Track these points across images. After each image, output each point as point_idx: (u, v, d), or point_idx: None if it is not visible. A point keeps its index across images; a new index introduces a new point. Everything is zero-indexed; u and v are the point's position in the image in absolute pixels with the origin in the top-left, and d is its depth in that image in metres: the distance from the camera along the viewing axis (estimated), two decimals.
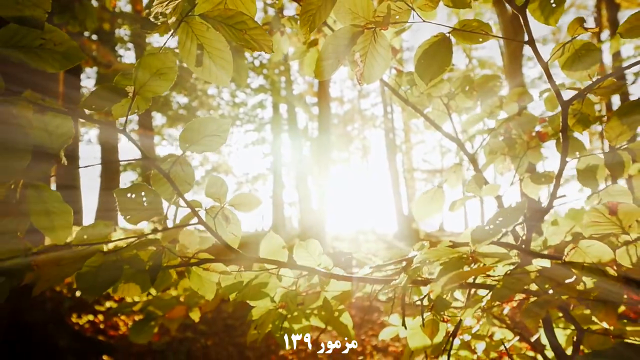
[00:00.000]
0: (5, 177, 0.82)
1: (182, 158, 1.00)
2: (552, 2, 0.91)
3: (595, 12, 15.92)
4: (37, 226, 0.95)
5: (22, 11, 0.69)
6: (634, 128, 1.12)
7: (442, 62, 1.07)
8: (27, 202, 0.93)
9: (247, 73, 14.60)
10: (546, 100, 1.76)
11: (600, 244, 0.79)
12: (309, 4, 0.95)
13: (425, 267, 0.99)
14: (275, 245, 1.20)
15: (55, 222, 0.96)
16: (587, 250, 0.80)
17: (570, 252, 0.81)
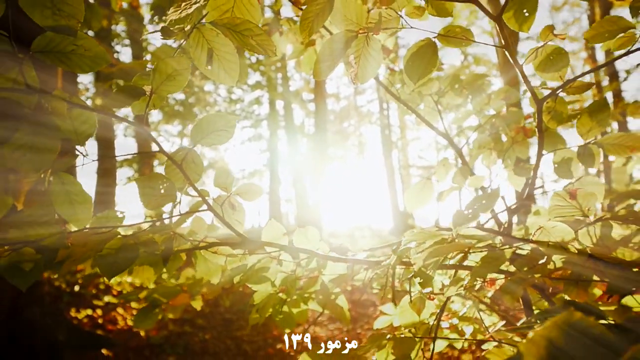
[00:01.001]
0: (39, 166, 0.92)
1: (193, 151, 1.11)
2: (524, 11, 1.02)
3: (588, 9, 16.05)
4: (59, 212, 1.06)
5: (58, 21, 0.80)
6: (602, 125, 1.24)
7: (429, 64, 1.18)
8: (52, 191, 1.03)
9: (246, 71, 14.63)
10: (530, 99, 1.87)
11: (562, 224, 0.90)
12: (308, 12, 1.06)
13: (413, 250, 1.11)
14: (276, 232, 1.31)
15: (77, 209, 1.07)
16: (552, 230, 0.91)
17: (537, 232, 0.92)
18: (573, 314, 0.47)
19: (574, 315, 0.47)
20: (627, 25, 1.11)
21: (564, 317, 0.47)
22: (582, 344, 0.44)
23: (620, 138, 1.26)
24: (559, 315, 0.48)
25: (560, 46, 1.11)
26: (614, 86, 12.89)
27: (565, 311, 0.48)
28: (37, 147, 0.91)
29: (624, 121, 11.41)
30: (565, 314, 0.47)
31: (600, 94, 14.37)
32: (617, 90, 12.87)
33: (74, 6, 0.79)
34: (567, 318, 0.47)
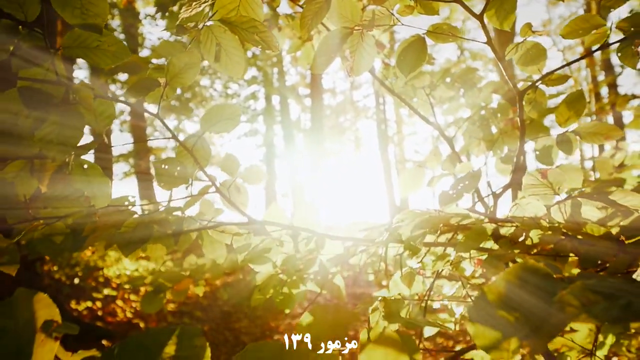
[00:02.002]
0: (65, 151, 1.02)
1: (202, 138, 1.21)
2: (505, 9, 1.13)
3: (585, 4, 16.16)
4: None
5: (86, 20, 0.89)
6: (578, 114, 1.35)
7: (419, 58, 1.28)
8: (74, 173, 1.13)
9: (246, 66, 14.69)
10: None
11: (536, 201, 1.01)
12: (307, 10, 1.16)
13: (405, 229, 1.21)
14: (277, 212, 1.42)
15: (96, 190, 1.17)
16: (526, 207, 1.02)
17: (513, 208, 1.03)
18: (527, 263, 0.58)
19: (527, 264, 0.58)
20: (599, 23, 1.21)
21: (519, 265, 0.58)
22: (531, 282, 0.55)
23: (595, 127, 1.36)
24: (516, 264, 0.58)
25: (539, 42, 1.21)
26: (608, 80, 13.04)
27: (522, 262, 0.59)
28: (63, 133, 1.01)
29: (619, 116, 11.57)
30: (520, 263, 0.58)
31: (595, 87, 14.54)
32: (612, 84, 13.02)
33: (99, 6, 0.89)
34: (523, 265, 0.58)
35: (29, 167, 1.13)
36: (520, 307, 0.54)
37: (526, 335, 0.51)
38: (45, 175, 1.14)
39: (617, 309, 0.48)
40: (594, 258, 1.06)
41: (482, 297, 0.57)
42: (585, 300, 0.51)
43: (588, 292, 0.51)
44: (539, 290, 0.55)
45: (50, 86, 0.97)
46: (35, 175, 1.13)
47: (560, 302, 0.51)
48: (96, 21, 0.90)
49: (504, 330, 0.52)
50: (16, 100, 0.92)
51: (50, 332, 0.59)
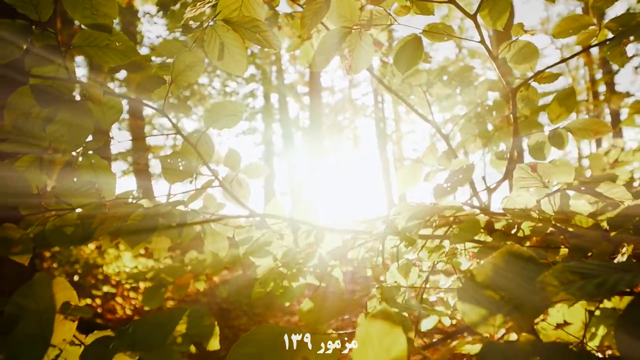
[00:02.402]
0: (75, 145, 1.06)
1: (206, 134, 1.25)
2: (497, 10, 1.17)
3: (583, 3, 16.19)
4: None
5: (96, 20, 0.93)
6: (569, 110, 1.39)
7: (415, 56, 1.32)
8: (82, 167, 1.18)
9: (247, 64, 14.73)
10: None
11: (526, 194, 1.06)
12: (307, 10, 1.20)
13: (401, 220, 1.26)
14: (277, 207, 1.46)
15: (102, 185, 1.21)
16: (517, 200, 1.06)
17: (504, 200, 1.07)
18: (513, 247, 0.62)
19: (514, 247, 0.62)
20: (588, 23, 1.26)
21: (505, 249, 0.62)
22: (516, 265, 0.59)
23: (586, 123, 1.41)
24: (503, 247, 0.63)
25: (530, 41, 1.26)
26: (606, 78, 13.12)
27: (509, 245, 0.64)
28: (73, 129, 1.05)
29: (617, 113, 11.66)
30: (506, 248, 0.62)
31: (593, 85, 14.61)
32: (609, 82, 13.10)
33: (109, 7, 0.93)
34: (509, 249, 0.62)
35: (38, 162, 1.17)
36: (506, 288, 0.58)
37: (510, 312, 0.55)
38: (54, 170, 1.18)
39: (591, 287, 0.52)
40: (583, 249, 1.11)
41: (470, 279, 0.61)
42: (565, 279, 0.55)
43: (567, 273, 0.56)
44: (523, 272, 0.59)
45: (60, 83, 1.01)
46: (44, 169, 1.17)
47: (542, 282, 0.55)
48: (106, 21, 0.94)
49: (490, 308, 0.56)
50: (28, 97, 0.96)
51: (68, 313, 0.63)
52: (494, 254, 0.62)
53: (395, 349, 0.47)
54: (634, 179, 2.23)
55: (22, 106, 0.96)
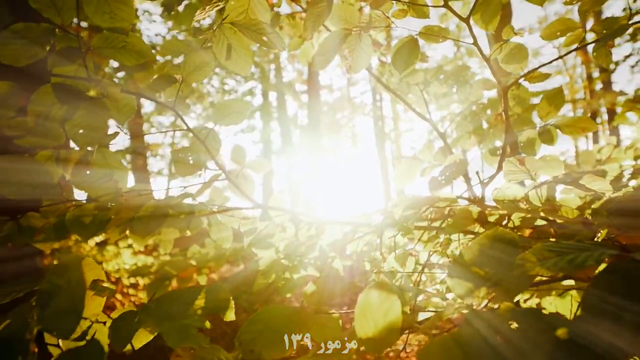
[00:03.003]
0: (91, 141, 1.13)
1: (213, 130, 1.32)
2: (489, 13, 1.24)
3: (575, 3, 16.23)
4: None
5: (114, 23, 1.00)
6: (558, 108, 1.46)
7: (412, 56, 1.40)
8: (95, 161, 1.24)
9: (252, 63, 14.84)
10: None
11: (515, 186, 1.13)
12: (310, 13, 1.27)
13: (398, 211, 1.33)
14: (280, 201, 1.53)
15: (116, 178, 1.28)
16: (506, 191, 1.13)
17: (494, 192, 1.15)
18: (498, 230, 0.70)
19: (498, 230, 0.69)
20: (574, 26, 1.33)
21: (492, 231, 0.70)
22: (500, 246, 0.67)
23: (574, 120, 1.48)
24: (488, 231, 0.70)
25: (521, 43, 1.33)
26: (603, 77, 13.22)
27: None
28: (90, 125, 1.12)
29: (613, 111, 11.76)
30: (491, 231, 0.70)
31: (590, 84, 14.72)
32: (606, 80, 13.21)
33: (126, 11, 0.99)
34: (494, 232, 0.70)
35: (55, 157, 1.24)
36: (489, 265, 0.65)
37: (493, 285, 0.63)
38: (69, 164, 1.25)
39: (564, 262, 0.60)
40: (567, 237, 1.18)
41: (459, 258, 0.68)
42: (541, 256, 0.62)
43: (544, 251, 0.63)
44: (505, 252, 0.66)
45: (79, 82, 1.07)
46: (60, 164, 1.24)
47: (522, 259, 0.63)
48: (123, 25, 1.00)
49: (475, 282, 0.64)
50: (50, 95, 1.03)
51: (97, 289, 0.70)
52: (481, 236, 0.69)
53: (391, 313, 0.54)
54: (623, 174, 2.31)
55: (44, 103, 1.02)
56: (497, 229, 0.69)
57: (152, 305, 0.71)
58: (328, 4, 1.28)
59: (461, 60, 18.06)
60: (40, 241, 1.08)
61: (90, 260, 0.73)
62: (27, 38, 0.94)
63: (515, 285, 0.64)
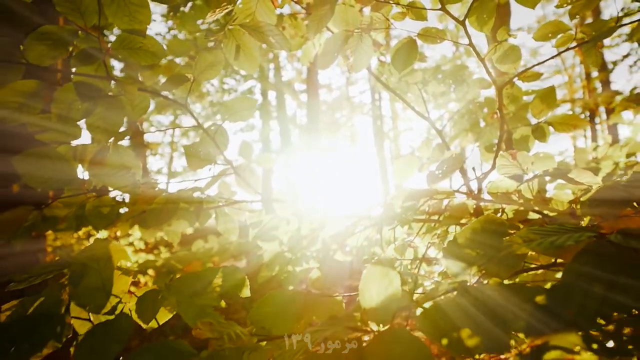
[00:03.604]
0: (107, 136, 1.20)
1: (222, 127, 1.39)
2: (484, 16, 1.31)
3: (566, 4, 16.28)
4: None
5: (132, 25, 1.07)
6: (550, 107, 1.53)
7: (410, 56, 1.46)
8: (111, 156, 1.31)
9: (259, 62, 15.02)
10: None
11: (508, 180, 1.20)
12: (315, 16, 1.33)
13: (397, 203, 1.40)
14: (282, 195, 1.60)
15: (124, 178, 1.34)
16: (500, 184, 1.20)
17: (489, 185, 1.22)
18: (489, 216, 0.77)
19: (489, 216, 0.76)
20: (565, 28, 1.40)
21: (483, 217, 0.77)
22: (490, 229, 0.74)
23: (565, 118, 1.55)
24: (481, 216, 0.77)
25: (515, 44, 1.40)
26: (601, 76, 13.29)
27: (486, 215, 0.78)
28: (107, 121, 1.18)
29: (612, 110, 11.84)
30: (483, 216, 0.76)
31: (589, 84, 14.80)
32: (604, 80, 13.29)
33: (144, 14, 1.06)
34: (485, 217, 0.77)
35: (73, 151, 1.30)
36: (480, 246, 0.72)
37: (483, 264, 0.70)
38: (85, 158, 1.31)
39: (547, 243, 0.66)
40: None
41: (453, 241, 0.75)
42: (527, 238, 0.69)
43: (530, 234, 0.70)
44: (495, 235, 0.73)
45: (98, 81, 1.14)
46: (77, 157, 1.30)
47: (509, 241, 0.70)
48: (141, 27, 1.07)
49: (467, 261, 0.71)
50: (71, 92, 1.09)
51: (124, 270, 0.77)
52: (473, 221, 0.76)
53: (391, 286, 0.61)
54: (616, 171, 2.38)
55: (66, 100, 1.09)
56: (488, 215, 0.76)
57: (173, 284, 0.78)
58: (331, 6, 1.35)
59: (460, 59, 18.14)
60: (63, 230, 1.15)
61: (117, 243, 0.80)
62: (51, 40, 1.01)
63: (504, 265, 0.71)
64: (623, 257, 0.58)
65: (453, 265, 0.71)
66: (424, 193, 1.17)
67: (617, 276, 0.54)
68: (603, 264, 0.59)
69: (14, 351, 0.64)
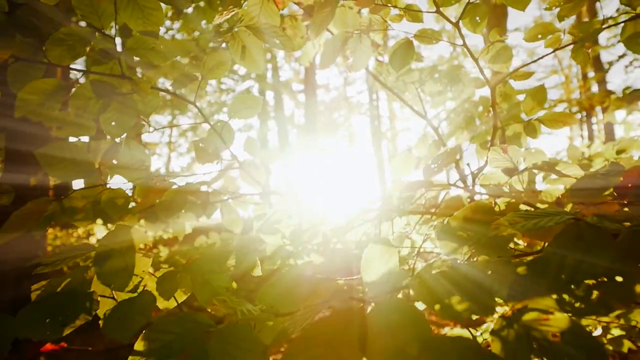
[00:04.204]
0: (121, 132, 1.26)
1: (228, 124, 1.46)
2: (477, 18, 1.38)
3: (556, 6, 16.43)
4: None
5: (146, 27, 1.14)
6: (540, 104, 1.61)
7: (407, 56, 1.54)
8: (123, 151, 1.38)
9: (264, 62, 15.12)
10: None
11: (499, 172, 1.27)
12: (316, 18, 1.41)
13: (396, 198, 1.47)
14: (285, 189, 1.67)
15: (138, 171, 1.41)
16: (491, 177, 1.28)
17: (481, 177, 1.29)
18: (480, 202, 0.84)
19: (480, 202, 0.84)
20: (554, 29, 1.48)
21: (474, 203, 0.84)
22: (480, 214, 0.81)
23: (555, 115, 1.63)
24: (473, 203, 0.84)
25: (507, 45, 1.47)
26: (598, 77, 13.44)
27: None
28: (122, 117, 1.25)
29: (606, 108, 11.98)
30: (474, 202, 0.84)
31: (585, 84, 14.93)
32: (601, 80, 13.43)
33: (157, 16, 1.13)
34: (476, 203, 0.84)
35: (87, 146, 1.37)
36: (471, 229, 0.80)
37: (473, 244, 0.77)
38: (98, 152, 1.38)
39: (530, 225, 0.74)
40: None
41: (446, 224, 0.82)
42: (513, 221, 0.76)
43: (515, 217, 0.77)
44: (484, 219, 0.81)
45: (112, 79, 1.21)
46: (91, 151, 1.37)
47: (497, 223, 0.77)
48: (154, 28, 1.14)
49: (459, 242, 0.78)
50: (88, 90, 1.16)
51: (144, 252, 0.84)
52: (465, 207, 0.84)
53: (390, 262, 0.68)
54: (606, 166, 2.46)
55: (83, 98, 1.16)
56: (478, 202, 0.83)
57: (190, 265, 0.85)
58: (332, 9, 1.42)
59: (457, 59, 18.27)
60: (80, 220, 1.22)
61: (137, 228, 0.87)
62: (71, 40, 1.08)
63: (492, 245, 0.78)
64: (595, 236, 0.65)
65: (446, 245, 0.79)
66: (421, 184, 1.24)
67: (588, 251, 0.61)
68: (578, 241, 0.66)
69: (49, 322, 0.71)
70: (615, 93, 7.37)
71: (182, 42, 2.36)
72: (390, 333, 0.55)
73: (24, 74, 1.08)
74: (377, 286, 0.67)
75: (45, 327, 0.71)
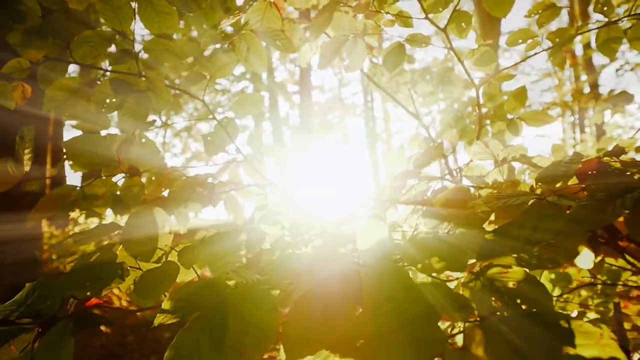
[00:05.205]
0: (134, 127, 1.38)
1: (233, 120, 1.58)
2: (462, 24, 1.51)
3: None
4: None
5: (161, 30, 1.25)
6: (522, 104, 1.74)
7: (399, 59, 1.66)
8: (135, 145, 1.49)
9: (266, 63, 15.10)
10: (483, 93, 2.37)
11: (481, 164, 1.40)
12: (315, 22, 1.53)
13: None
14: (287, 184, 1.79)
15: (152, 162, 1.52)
16: (474, 168, 1.41)
17: (465, 168, 1.42)
18: (459, 186, 0.96)
19: (459, 186, 0.96)
20: (533, 35, 1.61)
21: (455, 186, 0.96)
22: (459, 195, 0.93)
23: (535, 114, 1.76)
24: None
25: (490, 49, 1.60)
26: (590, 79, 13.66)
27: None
28: (137, 112, 1.37)
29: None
30: (455, 186, 0.96)
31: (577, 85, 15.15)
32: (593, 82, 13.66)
33: (171, 20, 1.25)
34: (456, 186, 0.96)
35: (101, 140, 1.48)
36: (451, 207, 0.92)
37: (452, 221, 0.89)
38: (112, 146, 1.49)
39: (500, 203, 0.86)
40: None
41: (430, 205, 0.95)
42: (488, 201, 0.89)
43: (491, 197, 0.90)
44: (464, 199, 0.93)
45: (129, 77, 1.33)
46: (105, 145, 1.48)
47: (473, 203, 0.89)
48: (168, 31, 1.26)
49: (440, 219, 0.90)
50: (108, 87, 1.28)
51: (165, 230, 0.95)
52: (447, 189, 0.96)
53: (380, 233, 0.80)
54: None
55: (103, 94, 1.27)
56: (460, 185, 0.95)
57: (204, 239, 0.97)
58: (329, 14, 1.55)
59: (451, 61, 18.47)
60: (100, 206, 1.33)
61: (159, 209, 0.99)
62: (94, 41, 1.19)
63: (469, 220, 0.91)
64: (552, 210, 0.78)
65: (430, 222, 0.91)
66: (410, 174, 1.37)
67: (544, 219, 0.74)
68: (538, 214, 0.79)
69: (89, 284, 0.82)
70: (602, 94, 7.57)
71: (192, 44, 2.48)
72: (381, 285, 0.67)
73: (52, 71, 1.19)
74: (370, 253, 0.79)
75: (87, 288, 0.82)
